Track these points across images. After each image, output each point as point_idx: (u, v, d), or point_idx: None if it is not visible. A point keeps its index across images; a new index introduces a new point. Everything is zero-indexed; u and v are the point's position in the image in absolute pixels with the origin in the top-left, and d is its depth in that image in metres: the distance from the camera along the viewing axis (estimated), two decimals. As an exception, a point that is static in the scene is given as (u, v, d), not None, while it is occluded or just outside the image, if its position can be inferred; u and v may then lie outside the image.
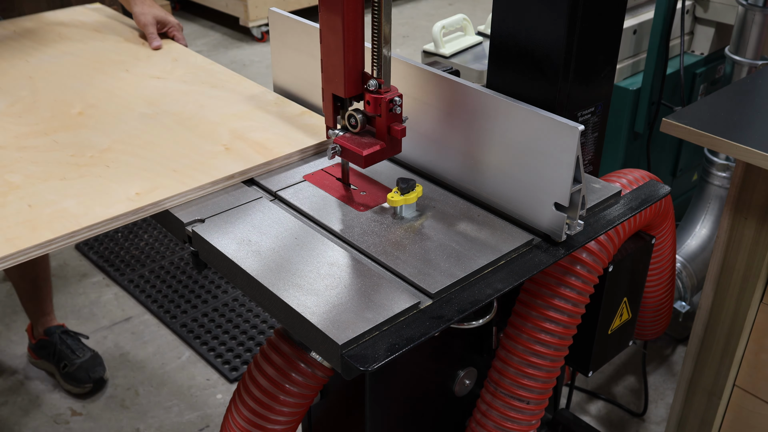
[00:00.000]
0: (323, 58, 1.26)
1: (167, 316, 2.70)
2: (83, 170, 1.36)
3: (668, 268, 1.74)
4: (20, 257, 1.14)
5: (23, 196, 1.27)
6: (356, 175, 1.40)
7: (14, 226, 1.19)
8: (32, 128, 1.50)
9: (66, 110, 1.57)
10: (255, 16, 5.04)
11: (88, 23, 2.05)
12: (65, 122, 1.52)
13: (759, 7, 2.06)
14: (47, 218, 1.22)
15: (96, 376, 2.38)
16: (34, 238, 1.17)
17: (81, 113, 1.56)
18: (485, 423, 1.42)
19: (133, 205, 1.26)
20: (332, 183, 1.38)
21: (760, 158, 1.41)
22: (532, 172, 1.21)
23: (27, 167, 1.36)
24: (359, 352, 1.00)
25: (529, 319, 1.35)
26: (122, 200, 1.27)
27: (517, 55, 1.34)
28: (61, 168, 1.36)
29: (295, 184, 1.38)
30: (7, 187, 1.30)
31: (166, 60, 1.84)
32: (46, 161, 1.38)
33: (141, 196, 1.28)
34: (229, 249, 1.19)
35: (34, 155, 1.40)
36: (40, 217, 1.22)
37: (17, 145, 1.43)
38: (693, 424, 1.86)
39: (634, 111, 2.29)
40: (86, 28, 2.02)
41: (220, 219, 1.27)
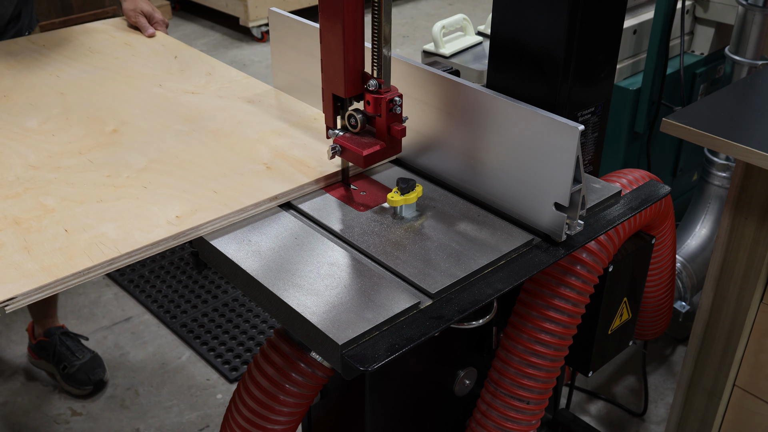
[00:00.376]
0: (323, 58, 1.26)
1: (167, 316, 2.70)
2: (120, 192, 1.30)
3: (668, 268, 1.74)
4: (58, 286, 1.09)
5: (59, 220, 1.22)
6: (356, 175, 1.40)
7: (51, 252, 1.14)
8: (66, 147, 1.45)
9: (100, 128, 1.52)
10: (255, 16, 5.04)
11: (117, 36, 2.01)
12: (99, 140, 1.47)
13: (759, 7, 2.06)
14: (85, 244, 1.16)
15: (96, 378, 2.38)
16: (71, 266, 1.11)
17: (115, 131, 1.51)
18: (485, 423, 1.42)
19: (174, 229, 1.19)
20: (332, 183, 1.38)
21: (760, 158, 1.41)
22: (532, 172, 1.21)
23: (62, 189, 1.31)
24: (359, 352, 1.00)
25: (529, 319, 1.35)
26: (162, 224, 1.21)
27: (517, 55, 1.34)
28: (98, 190, 1.31)
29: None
30: (42, 210, 1.25)
31: (200, 74, 1.78)
32: (82, 182, 1.33)
33: (182, 220, 1.22)
34: (229, 249, 1.19)
35: (69, 176, 1.35)
36: (77, 243, 1.16)
37: (51, 166, 1.38)
38: (693, 424, 1.86)
39: (634, 111, 2.29)
40: (115, 41, 1.98)
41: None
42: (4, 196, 1.29)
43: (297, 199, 1.33)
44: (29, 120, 1.55)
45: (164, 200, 1.27)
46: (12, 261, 1.12)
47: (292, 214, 1.29)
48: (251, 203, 1.27)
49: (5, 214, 1.24)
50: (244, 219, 1.26)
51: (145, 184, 1.32)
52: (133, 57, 1.88)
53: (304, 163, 1.39)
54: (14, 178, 1.34)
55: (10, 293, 1.06)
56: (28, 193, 1.30)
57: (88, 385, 2.37)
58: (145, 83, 1.73)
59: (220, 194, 1.29)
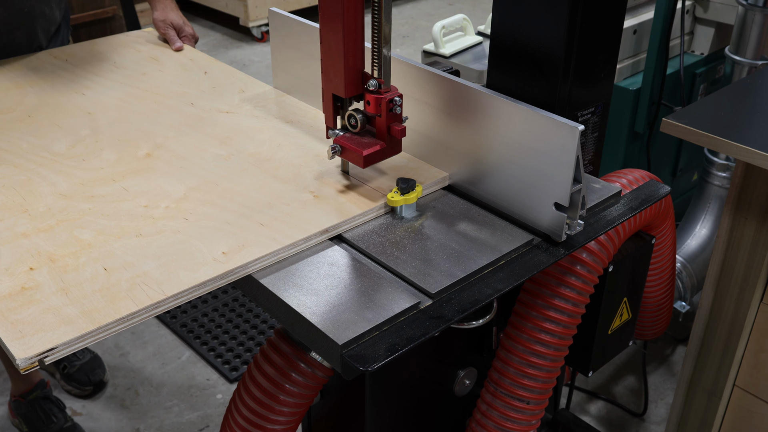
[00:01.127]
0: (323, 58, 1.26)
1: (167, 316, 2.70)
2: (160, 224, 1.20)
3: (668, 268, 1.74)
4: (101, 334, 1.00)
5: (97, 257, 1.13)
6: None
7: (91, 295, 1.05)
8: (98, 174, 1.35)
9: (132, 152, 1.43)
10: (255, 16, 5.04)
11: (143, 50, 1.92)
12: (133, 166, 1.38)
13: (759, 7, 2.06)
14: (126, 285, 1.07)
15: (96, 379, 2.39)
16: (114, 311, 1.02)
17: (149, 155, 1.42)
18: (485, 423, 1.42)
19: (222, 267, 1.10)
20: (332, 183, 1.38)
21: (760, 158, 1.41)
22: (532, 172, 1.21)
23: (98, 221, 1.21)
24: (359, 352, 1.00)
25: (529, 319, 1.35)
26: (208, 262, 1.11)
27: (517, 55, 1.34)
28: (135, 222, 1.21)
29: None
30: (78, 246, 1.15)
31: (233, 91, 1.69)
32: (118, 213, 1.24)
33: (228, 257, 1.13)
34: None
35: (104, 206, 1.25)
36: (118, 284, 1.07)
37: (84, 195, 1.29)
38: (693, 424, 1.86)
39: (634, 111, 2.29)
40: (141, 55, 1.89)
41: (221, 219, 1.26)
42: (37, 229, 1.20)
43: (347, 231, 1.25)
44: (57, 143, 1.46)
45: (208, 234, 1.18)
46: (50, 305, 1.03)
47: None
48: (301, 237, 1.18)
49: (39, 250, 1.15)
50: (294, 254, 1.18)
51: (185, 216, 1.23)
52: (161, 73, 1.80)
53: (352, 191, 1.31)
54: (45, 208, 1.25)
55: (51, 343, 0.96)
56: (61, 226, 1.20)
57: (88, 386, 2.37)
58: (176, 102, 1.64)
59: (267, 227, 1.21)
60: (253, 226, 1.20)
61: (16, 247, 1.15)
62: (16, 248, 1.15)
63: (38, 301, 1.04)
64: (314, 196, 1.29)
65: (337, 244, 1.22)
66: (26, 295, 1.05)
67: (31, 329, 0.99)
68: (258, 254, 1.14)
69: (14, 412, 2.28)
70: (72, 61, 1.84)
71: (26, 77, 1.76)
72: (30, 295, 1.05)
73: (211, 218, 1.23)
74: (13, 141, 1.48)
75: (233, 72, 1.80)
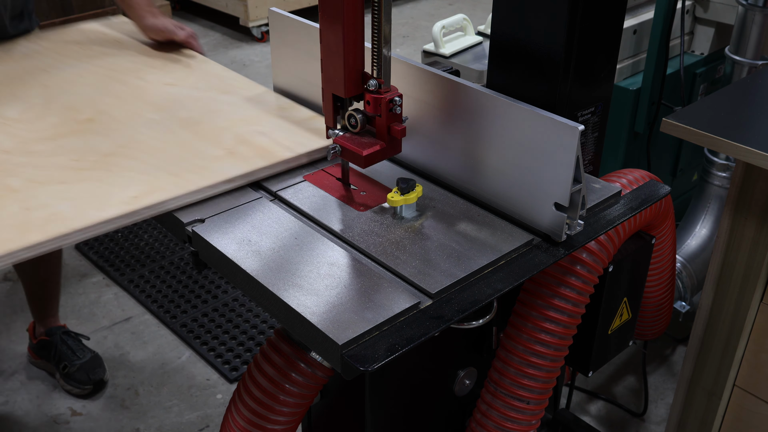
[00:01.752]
0: (323, 58, 1.26)
1: (167, 316, 2.70)
2: (84, 174, 1.35)
3: (668, 268, 1.74)
4: (8, 259, 1.15)
5: (21, 199, 1.27)
6: (356, 175, 1.40)
7: (6, 228, 1.19)
8: (40, 134, 1.49)
9: (75, 116, 1.56)
10: (255, 16, 5.04)
11: (110, 35, 2.04)
12: (73, 128, 1.52)
13: (759, 7, 2.06)
14: (40, 221, 1.21)
15: (96, 378, 2.39)
16: (23, 240, 1.17)
17: (90, 119, 1.55)
18: (485, 423, 1.42)
19: (128, 208, 1.25)
20: (332, 183, 1.38)
21: (760, 158, 1.41)
22: (532, 172, 1.21)
23: (29, 172, 1.36)
24: (359, 352, 1.00)
25: (529, 319, 1.35)
26: (117, 203, 1.26)
27: (517, 55, 1.34)
28: (63, 172, 1.36)
29: (295, 184, 1.38)
30: (5, 191, 1.29)
31: (181, 67, 1.82)
32: (48, 166, 1.38)
33: (138, 199, 1.27)
34: (229, 249, 1.19)
35: (38, 160, 1.40)
36: (32, 221, 1.21)
37: (23, 150, 1.43)
38: (693, 424, 1.86)
39: (634, 111, 2.29)
40: (107, 40, 2.01)
41: (220, 219, 1.27)
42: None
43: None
44: (10, 110, 1.59)
45: (125, 182, 1.33)
46: None
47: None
48: (207, 185, 1.32)
49: None
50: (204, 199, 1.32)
51: (109, 168, 1.37)
52: (120, 52, 1.91)
53: (265, 148, 1.43)
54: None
55: None
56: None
57: (88, 385, 2.37)
58: (128, 76, 1.77)
59: (178, 176, 1.34)
60: (165, 176, 1.34)
61: None
62: None
63: None
64: (229, 153, 1.42)
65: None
66: None
67: None
68: (164, 197, 1.28)
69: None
70: (43, 44, 1.97)
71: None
72: None
73: (131, 170, 1.37)
74: None
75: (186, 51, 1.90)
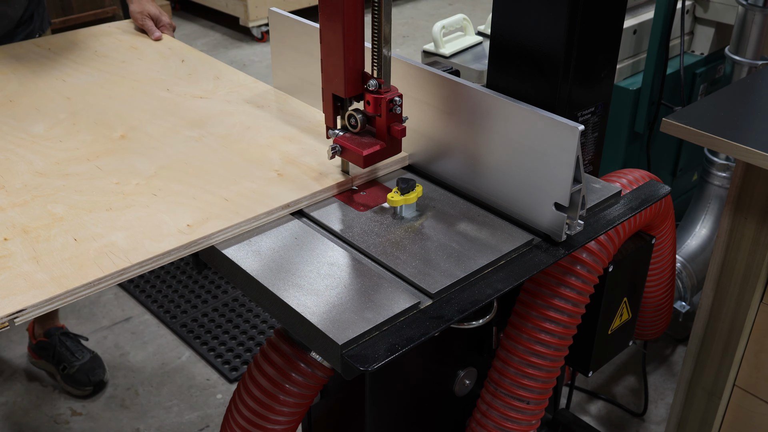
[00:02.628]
0: (323, 58, 1.26)
1: (167, 316, 2.70)
2: (130, 199, 1.28)
3: (668, 268, 1.74)
4: (68, 298, 1.07)
5: (68, 228, 1.20)
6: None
7: (60, 262, 1.12)
8: (73, 153, 1.43)
9: (107, 133, 1.50)
10: (255, 16, 5.04)
11: (123, 39, 1.99)
12: (107, 147, 1.45)
13: (759, 7, 2.06)
14: (94, 254, 1.14)
15: (96, 379, 2.38)
16: (81, 276, 1.09)
17: (123, 136, 1.48)
18: (485, 423, 1.42)
19: (185, 238, 1.17)
20: (332, 183, 1.38)
21: (760, 158, 1.41)
22: (532, 172, 1.21)
23: (71, 197, 1.29)
24: (359, 352, 1.00)
25: (529, 319, 1.35)
26: (173, 233, 1.18)
27: (517, 55, 1.34)
28: (107, 197, 1.28)
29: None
30: (51, 218, 1.23)
31: (208, 78, 1.75)
32: (90, 190, 1.31)
33: (194, 229, 1.20)
34: (228, 249, 1.19)
35: (77, 183, 1.32)
36: (86, 253, 1.14)
37: (59, 173, 1.36)
38: (693, 424, 1.86)
39: (634, 111, 2.29)
40: (121, 44, 1.95)
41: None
42: (12, 203, 1.27)
43: (309, 206, 1.31)
44: (36, 126, 1.53)
45: (174, 208, 1.25)
46: (21, 271, 1.10)
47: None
48: (263, 211, 1.24)
49: (13, 222, 1.22)
50: (256, 227, 1.24)
51: (154, 192, 1.30)
52: (140, 60, 1.86)
53: (315, 169, 1.37)
54: (21, 185, 1.32)
55: (20, 305, 1.03)
56: (36, 201, 1.27)
57: (87, 386, 2.37)
58: (153, 87, 1.71)
59: (232, 202, 1.27)
60: (218, 201, 1.27)
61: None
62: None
63: (10, 268, 1.11)
64: (278, 174, 1.35)
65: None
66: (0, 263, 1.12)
67: (2, 292, 1.06)
68: (220, 226, 1.20)
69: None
70: (54, 50, 1.91)
71: (9, 64, 1.82)
72: (3, 262, 1.12)
73: (178, 194, 1.29)
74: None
75: (210, 60, 1.86)
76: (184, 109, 1.60)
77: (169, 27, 2.03)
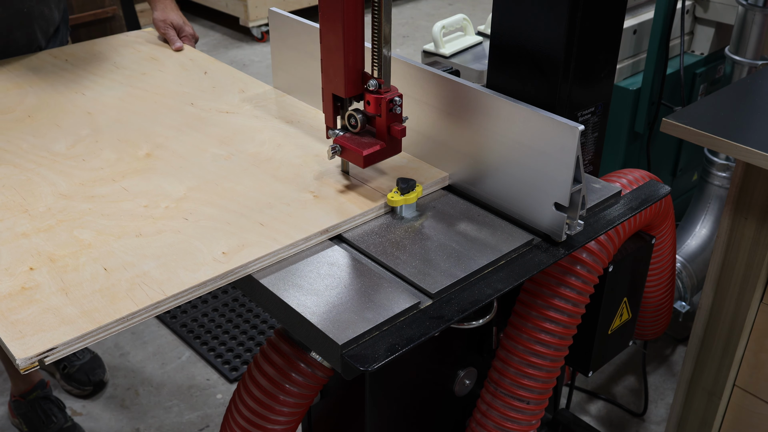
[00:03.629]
0: (323, 58, 1.26)
1: (167, 316, 2.70)
2: (160, 224, 1.20)
3: (668, 268, 1.74)
4: (101, 334, 1.00)
5: (97, 257, 1.12)
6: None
7: (90, 295, 1.05)
8: (97, 174, 1.35)
9: (132, 152, 1.43)
10: (255, 16, 5.04)
11: (143, 50, 1.92)
12: (133, 166, 1.38)
13: (759, 7, 2.06)
14: (126, 285, 1.07)
15: (96, 379, 2.39)
16: (114, 310, 1.02)
17: (149, 155, 1.41)
18: (485, 423, 1.42)
19: (222, 267, 1.10)
20: (332, 183, 1.38)
21: (760, 158, 1.41)
22: (532, 172, 1.21)
23: (97, 221, 1.21)
24: (359, 352, 1.00)
25: (529, 319, 1.35)
26: (209, 262, 1.11)
27: (517, 55, 1.34)
28: (135, 222, 1.21)
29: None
30: (78, 246, 1.15)
31: (233, 91, 1.69)
32: (118, 213, 1.23)
33: (229, 257, 1.12)
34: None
35: (103, 207, 1.25)
36: (118, 284, 1.07)
37: (84, 195, 1.29)
38: (693, 424, 1.86)
39: (634, 111, 2.29)
40: (141, 55, 1.89)
41: (221, 219, 1.26)
42: (37, 229, 1.19)
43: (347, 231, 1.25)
44: (56, 143, 1.46)
45: (208, 234, 1.18)
46: (50, 305, 1.03)
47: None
48: (301, 237, 1.18)
49: (39, 249, 1.14)
50: (294, 254, 1.18)
51: (185, 216, 1.23)
52: (161, 72, 1.79)
53: (353, 191, 1.31)
54: (45, 208, 1.25)
55: (51, 343, 0.96)
56: (61, 226, 1.20)
57: (88, 385, 2.37)
58: (177, 102, 1.64)
59: (267, 227, 1.20)
60: (253, 226, 1.20)
61: (16, 247, 1.15)
62: (16, 248, 1.15)
63: (38, 301, 1.04)
64: (314, 196, 1.29)
65: (337, 244, 1.22)
66: (26, 295, 1.05)
67: (31, 329, 0.98)
68: (258, 254, 1.13)
69: (14, 412, 2.28)
70: (72, 61, 1.84)
71: (26, 77, 1.75)
72: (30, 295, 1.05)
73: (211, 218, 1.22)
74: (13, 141, 1.47)
75: (233, 72, 1.80)
76: (210, 125, 1.54)
77: (191, 38, 1.98)
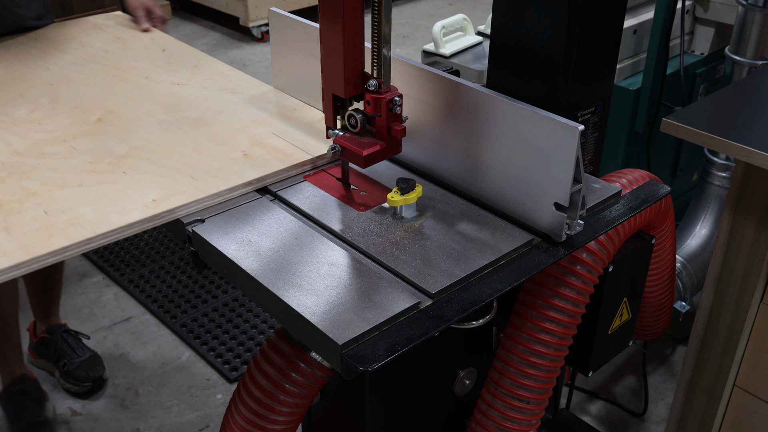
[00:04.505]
0: (323, 58, 1.26)
1: (167, 316, 2.70)
2: (101, 177, 1.35)
3: (668, 268, 1.74)
4: (34, 264, 1.14)
5: (40, 203, 1.27)
6: (356, 175, 1.40)
7: (29, 233, 1.19)
8: (51, 135, 1.49)
9: (85, 117, 1.56)
10: (255, 16, 5.04)
11: (109, 31, 2.05)
12: (84, 129, 1.52)
13: (759, 7, 2.06)
14: (62, 225, 1.21)
15: (95, 376, 2.39)
16: (48, 245, 1.16)
17: (100, 120, 1.55)
18: (485, 423, 1.42)
19: (149, 212, 1.25)
20: (332, 183, 1.38)
21: (760, 158, 1.41)
22: (532, 172, 1.21)
23: (45, 174, 1.35)
24: (359, 352, 1.00)
25: (529, 319, 1.35)
26: (138, 207, 1.26)
27: (517, 55, 1.34)
28: (79, 175, 1.35)
29: (295, 184, 1.38)
30: (24, 194, 1.29)
31: (187, 66, 1.82)
32: (64, 168, 1.37)
33: (157, 203, 1.27)
34: (228, 249, 1.19)
35: (52, 162, 1.39)
36: (55, 225, 1.21)
37: (36, 152, 1.43)
38: (693, 424, 1.86)
39: (634, 111, 2.29)
40: (107, 36, 2.02)
41: (220, 219, 1.27)
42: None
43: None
44: (17, 109, 1.60)
45: (142, 185, 1.32)
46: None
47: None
48: (226, 188, 1.31)
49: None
50: (219, 203, 1.31)
51: (125, 170, 1.37)
52: (123, 50, 1.92)
53: (281, 150, 1.43)
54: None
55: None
56: (11, 178, 1.34)
57: (87, 383, 2.37)
58: (133, 75, 1.77)
59: (197, 179, 1.33)
60: (184, 179, 1.34)
61: None
62: None
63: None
64: (245, 155, 1.42)
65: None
66: None
67: None
68: (184, 201, 1.27)
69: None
70: (41, 40, 1.97)
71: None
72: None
73: (147, 172, 1.36)
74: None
75: (189, 50, 1.93)
76: (160, 95, 1.67)
77: (160, 20, 2.08)
